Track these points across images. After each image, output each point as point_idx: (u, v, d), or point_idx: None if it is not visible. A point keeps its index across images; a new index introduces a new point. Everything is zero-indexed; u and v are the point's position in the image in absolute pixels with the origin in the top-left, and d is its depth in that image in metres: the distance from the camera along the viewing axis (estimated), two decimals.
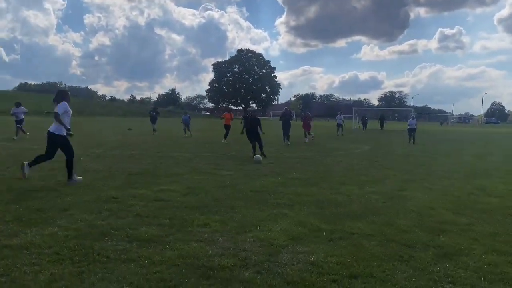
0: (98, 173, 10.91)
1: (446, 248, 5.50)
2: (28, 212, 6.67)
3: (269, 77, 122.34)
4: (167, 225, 6.21)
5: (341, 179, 10.98)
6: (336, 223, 6.52)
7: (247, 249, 5.22)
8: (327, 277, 4.41)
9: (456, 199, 8.84)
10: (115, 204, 7.41)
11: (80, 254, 4.87)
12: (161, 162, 13.76)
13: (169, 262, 4.71)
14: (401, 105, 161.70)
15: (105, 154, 15.77)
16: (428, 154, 19.55)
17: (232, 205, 7.63)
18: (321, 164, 14.51)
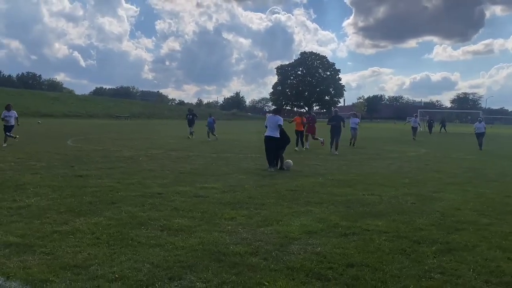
0: (151, 172, 11.81)
1: (452, 244, 5.79)
2: (80, 204, 7.57)
3: (334, 79, 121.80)
4: (198, 217, 6.88)
5: (381, 181, 11.24)
6: (356, 221, 6.92)
7: (262, 240, 5.77)
8: (325, 265, 4.89)
9: (489, 201, 8.92)
10: (158, 199, 8.20)
11: (117, 239, 5.63)
12: (212, 162, 14.55)
13: (190, 247, 5.36)
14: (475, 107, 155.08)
15: (162, 155, 16.79)
16: (487, 158, 19.15)
17: (263, 202, 8.20)
18: (368, 166, 14.77)
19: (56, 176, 10.55)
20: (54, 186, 9.20)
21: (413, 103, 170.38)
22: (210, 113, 28.75)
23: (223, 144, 23.56)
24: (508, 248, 5.69)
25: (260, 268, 4.77)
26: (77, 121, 57.80)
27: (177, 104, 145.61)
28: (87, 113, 77.78)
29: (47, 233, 5.81)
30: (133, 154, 16.75)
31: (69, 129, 35.11)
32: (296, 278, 4.50)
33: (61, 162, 13.38)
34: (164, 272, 4.53)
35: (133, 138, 26.94)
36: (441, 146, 27.23)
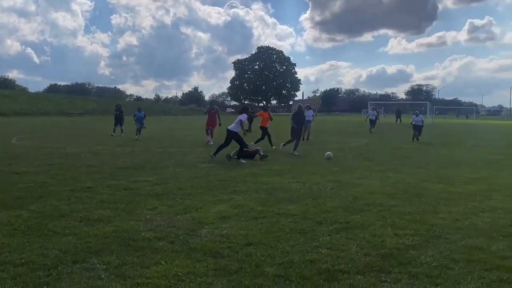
0: (89, 168, 11.97)
1: (350, 223, 6.33)
2: (7, 199, 7.76)
3: (290, 74, 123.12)
4: (120, 208, 7.19)
5: (312, 170, 11.79)
6: (271, 206, 7.39)
7: (175, 226, 6.16)
8: (225, 245, 5.32)
9: (405, 185, 9.57)
10: (86, 193, 8.45)
11: (33, 230, 5.89)
12: (155, 157, 14.79)
13: (102, 235, 5.69)
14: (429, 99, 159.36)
15: (107, 151, 16.89)
16: (424, 147, 20.06)
17: (191, 192, 8.57)
18: (306, 157, 15.31)
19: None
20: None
21: (369, 95, 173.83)
22: (139, 107, 24.84)
23: (172, 139, 23.72)
24: (399, 225, 6.26)
25: (163, 250, 5.15)
26: (28, 119, 56.49)
27: (134, 100, 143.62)
28: (38, 110, 75.99)
29: None
30: (77, 151, 16.76)
31: (18, 127, 34.43)
32: (193, 257, 4.91)
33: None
34: (70, 257, 4.86)
35: (82, 135, 26.74)
36: (383, 136, 28.16)
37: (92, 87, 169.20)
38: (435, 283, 4.24)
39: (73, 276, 4.34)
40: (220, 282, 4.22)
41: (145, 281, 4.23)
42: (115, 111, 27.26)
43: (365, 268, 4.60)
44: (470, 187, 9.41)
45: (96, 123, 48.17)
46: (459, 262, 4.80)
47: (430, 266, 4.69)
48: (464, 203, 7.82)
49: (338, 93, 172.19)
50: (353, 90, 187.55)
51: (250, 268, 4.59)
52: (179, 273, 4.41)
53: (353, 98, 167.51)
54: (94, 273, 4.42)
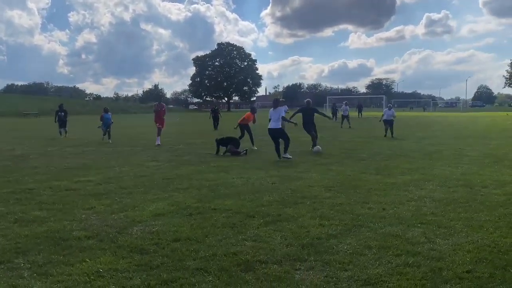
0: (34, 169, 11.86)
1: (282, 216, 6.56)
2: None
3: (251, 70, 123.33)
4: (57, 209, 7.22)
5: (259, 166, 12.01)
6: (209, 202, 7.55)
7: (108, 225, 6.25)
8: (153, 241, 5.46)
9: (344, 178, 9.89)
10: (26, 194, 8.41)
11: None
12: (103, 157, 14.72)
13: (33, 236, 5.73)
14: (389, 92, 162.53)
15: (57, 151, 16.69)
16: (372, 140, 20.59)
17: (132, 191, 8.64)
18: (257, 152, 15.53)
19: None
20: None
21: (330, 90, 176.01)
22: (106, 108, 22.67)
23: (124, 138, 23.56)
24: (327, 216, 6.53)
25: (91, 248, 5.25)
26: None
27: (93, 99, 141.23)
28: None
29: None
30: (26, 152, 16.53)
31: None
32: (119, 254, 5.03)
33: None
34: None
35: (35, 136, 26.24)
36: (338, 131, 28.65)
37: (51, 86, 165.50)
38: (345, 269, 4.49)
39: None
40: (139, 276, 4.36)
41: (66, 278, 4.33)
42: (58, 112, 25.26)
43: (283, 258, 4.82)
44: (405, 178, 9.81)
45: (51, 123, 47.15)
46: (373, 248, 5.08)
47: (345, 253, 4.95)
48: (395, 193, 8.18)
49: (300, 88, 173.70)
50: (315, 85, 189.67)
51: (172, 262, 4.74)
52: (100, 270, 4.52)
53: (315, 93, 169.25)
54: (16, 273, 4.49)
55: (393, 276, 4.29)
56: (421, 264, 4.59)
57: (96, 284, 4.18)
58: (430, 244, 5.25)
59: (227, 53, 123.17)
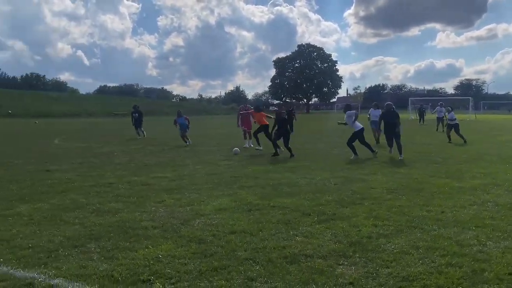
0: (117, 165, 12.82)
1: (336, 215, 6.75)
2: (32, 193, 8.63)
3: (331, 71, 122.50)
4: (131, 202, 7.88)
5: (324, 167, 12.16)
6: (269, 200, 7.88)
7: (174, 217, 6.77)
8: (211, 232, 5.89)
9: (410, 181, 9.83)
10: (106, 188, 9.21)
11: (47, 220, 6.65)
12: (180, 155, 15.53)
13: (106, 224, 6.37)
14: (479, 93, 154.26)
15: (139, 150, 17.80)
16: (450, 144, 19.90)
17: (201, 188, 9.18)
18: (328, 154, 15.66)
19: (24, 171, 11.59)
20: (18, 180, 10.25)
21: (415, 91, 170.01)
22: (179, 111, 21.26)
23: (202, 138, 24.47)
24: (382, 217, 6.64)
25: (155, 236, 5.77)
26: (75, 120, 58.97)
27: (179, 100, 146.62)
28: (86, 112, 79.03)
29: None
30: (111, 149, 17.78)
31: (62, 128, 36.23)
32: (179, 242, 5.50)
33: (37, 159, 14.42)
34: (72, 242, 5.54)
35: (121, 134, 27.94)
36: (423, 133, 27.87)
37: (140, 88, 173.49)
38: (387, 266, 4.64)
39: (69, 258, 5.01)
40: (193, 263, 4.78)
41: (129, 262, 4.85)
42: (132, 113, 25.18)
43: (328, 253, 5.05)
44: (474, 182, 9.57)
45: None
46: (420, 249, 5.17)
47: (391, 252, 5.08)
48: (459, 197, 8.06)
49: (383, 89, 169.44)
50: (399, 86, 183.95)
51: (225, 252, 5.13)
52: (160, 256, 5.00)
53: (400, 94, 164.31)
54: (87, 256, 5.08)
55: (432, 274, 4.39)
56: (464, 264, 4.64)
57: (154, 268, 4.65)
58: (479, 246, 5.24)
59: (307, 55, 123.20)
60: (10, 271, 4.59)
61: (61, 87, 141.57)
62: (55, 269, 4.66)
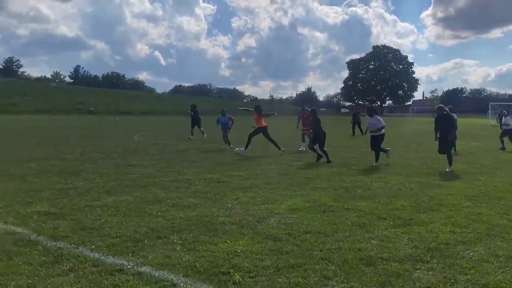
0: (193, 163, 13.29)
1: (413, 220, 6.67)
2: (117, 187, 9.17)
3: (407, 73, 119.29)
4: (208, 198, 8.18)
5: (400, 171, 11.96)
6: (343, 202, 7.92)
7: (250, 214, 6.98)
8: (286, 231, 6.03)
9: (490, 189, 9.48)
10: (184, 184, 9.61)
11: (132, 211, 7.07)
12: (253, 155, 15.79)
13: (186, 218, 6.68)
14: None
15: (213, 148, 18.31)
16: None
17: (274, 187, 9.35)
18: (403, 158, 15.36)
19: (109, 165, 12.31)
20: (103, 173, 10.91)
21: (496, 95, 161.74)
22: (223, 110, 20.45)
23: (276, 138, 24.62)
24: (460, 224, 6.49)
25: (232, 232, 5.99)
26: (151, 118, 61.31)
27: (251, 101, 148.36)
28: (162, 110, 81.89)
29: (81, 206, 7.36)
30: (187, 147, 18.40)
31: (141, 126, 37.82)
32: (255, 239, 5.68)
33: (119, 154, 15.24)
34: (156, 234, 5.88)
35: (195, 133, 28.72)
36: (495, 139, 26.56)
37: (213, 88, 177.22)
38: (466, 273, 4.57)
39: (154, 248, 5.33)
40: (270, 259, 4.94)
41: (209, 254, 5.09)
42: (190, 112, 24.94)
43: (405, 258, 5.04)
44: None
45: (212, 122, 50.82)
46: (500, 257, 5.04)
47: (470, 259, 4.99)
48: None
49: (461, 93, 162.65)
50: (479, 90, 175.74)
51: (300, 250, 5.25)
52: (238, 250, 5.21)
53: (479, 99, 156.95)
54: (170, 247, 5.37)
55: None
56: None
57: (233, 262, 4.85)
58: None
59: (382, 56, 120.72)
60: (101, 257, 4.95)
61: (139, 86, 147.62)
62: (142, 257, 4.98)
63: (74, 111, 70.12)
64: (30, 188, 8.84)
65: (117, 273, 4.51)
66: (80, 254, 5.04)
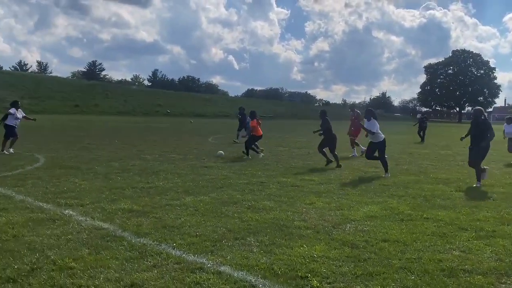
0: (266, 166, 13.42)
1: (497, 233, 6.36)
2: (195, 187, 9.46)
3: (488, 78, 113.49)
4: (283, 201, 8.25)
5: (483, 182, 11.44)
6: (422, 211, 7.70)
7: (325, 219, 6.96)
8: (363, 238, 5.96)
9: None
10: (258, 186, 9.74)
11: (210, 212, 7.27)
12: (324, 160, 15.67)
13: (262, 220, 6.78)
14: None
15: (285, 152, 18.38)
16: None
17: (349, 193, 9.26)
18: None
19: (186, 166, 12.71)
20: (181, 173, 11.28)
21: None
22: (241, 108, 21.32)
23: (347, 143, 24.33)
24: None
25: (308, 237, 6.01)
26: (225, 121, 62.40)
27: (323, 105, 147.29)
28: (235, 113, 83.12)
29: (162, 205, 7.67)
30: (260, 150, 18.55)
31: (214, 128, 38.63)
32: (332, 245, 5.67)
33: (195, 155, 15.68)
34: (233, 235, 6.01)
35: (268, 136, 28.94)
36: None
37: (285, 92, 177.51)
38: None
39: (232, 248, 5.45)
40: (347, 266, 4.91)
41: (286, 257, 5.14)
42: (238, 115, 24.62)
43: (489, 271, 4.83)
44: None
45: (283, 126, 51.03)
46: None
47: None
48: None
49: None
50: None
51: (379, 259, 5.18)
52: (315, 255, 5.21)
53: None
54: (248, 248, 5.48)
55: None
56: None
57: (310, 266, 4.87)
58: None
59: (462, 61, 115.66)
60: (183, 255, 5.14)
61: (213, 89, 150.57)
62: (221, 257, 5.12)
63: (153, 113, 72.74)
64: (113, 186, 9.32)
65: (198, 271, 4.66)
66: (163, 251, 5.26)
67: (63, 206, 7.45)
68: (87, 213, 7.00)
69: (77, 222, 6.45)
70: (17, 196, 8.09)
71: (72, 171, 11.20)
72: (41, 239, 5.60)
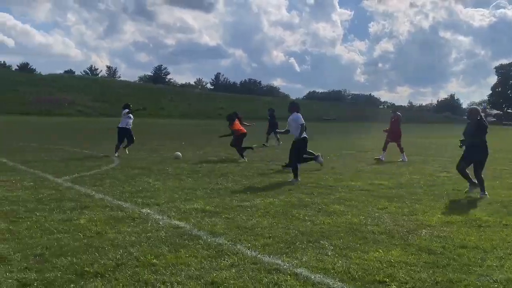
0: (332, 169, 13.36)
1: None
2: (261, 189, 9.61)
3: None
4: (353, 205, 8.17)
5: None
6: (500, 217, 7.37)
7: (399, 225, 6.83)
8: (441, 244, 5.80)
9: None
10: (327, 190, 9.71)
11: (280, 214, 7.33)
12: (395, 164, 15.38)
13: (334, 224, 6.76)
14: None
15: (350, 155, 18.20)
16: None
17: (421, 198, 9.03)
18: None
19: (252, 168, 12.87)
20: (247, 175, 11.45)
21: None
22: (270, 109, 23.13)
23: (416, 147, 23.77)
24: None
25: (383, 241, 5.93)
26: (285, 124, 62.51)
27: (387, 107, 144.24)
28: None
29: (233, 206, 7.82)
30: (323, 153, 18.44)
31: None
32: (408, 250, 5.56)
33: (260, 158, 15.85)
34: (306, 237, 6.03)
35: (331, 138, 28.77)
36: None
37: (347, 94, 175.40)
38: None
39: (306, 251, 5.47)
40: (426, 272, 4.80)
41: (362, 261, 5.09)
42: (268, 117, 23.83)
43: None
44: None
45: (348, 128, 50.54)
46: None
47: None
48: None
49: None
50: None
51: (458, 265, 5.02)
52: (392, 260, 5.14)
53: None
54: (322, 251, 5.48)
55: None
56: None
57: (387, 271, 4.80)
58: None
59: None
60: (258, 256, 5.22)
61: (273, 92, 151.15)
62: (296, 259, 5.15)
63: (216, 116, 74.00)
64: (185, 187, 9.59)
65: (274, 272, 4.71)
66: (239, 251, 5.37)
67: (140, 205, 7.76)
68: (164, 212, 7.25)
69: (155, 221, 6.70)
70: (96, 195, 8.50)
71: (145, 172, 11.63)
72: (123, 236, 5.86)
